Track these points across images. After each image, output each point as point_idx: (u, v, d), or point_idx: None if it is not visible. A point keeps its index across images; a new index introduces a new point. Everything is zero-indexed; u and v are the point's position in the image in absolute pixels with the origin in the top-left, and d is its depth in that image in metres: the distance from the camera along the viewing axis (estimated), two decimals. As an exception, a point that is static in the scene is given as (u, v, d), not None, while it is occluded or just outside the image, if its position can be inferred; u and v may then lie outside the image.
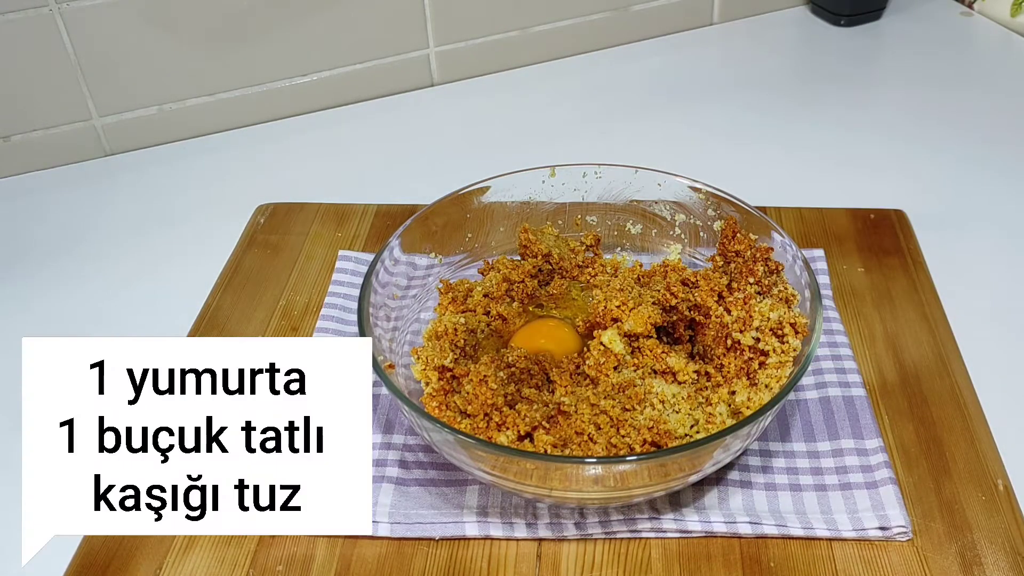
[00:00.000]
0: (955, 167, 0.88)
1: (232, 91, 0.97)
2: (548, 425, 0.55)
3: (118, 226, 0.86)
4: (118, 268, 0.81)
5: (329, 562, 0.56)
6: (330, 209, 0.83)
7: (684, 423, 0.56)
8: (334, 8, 0.96)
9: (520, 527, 0.57)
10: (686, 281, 0.63)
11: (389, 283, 0.64)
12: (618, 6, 1.07)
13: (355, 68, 1.00)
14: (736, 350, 0.59)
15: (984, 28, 1.11)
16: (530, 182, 0.70)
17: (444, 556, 0.56)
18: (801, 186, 0.86)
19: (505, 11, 1.03)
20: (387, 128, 0.99)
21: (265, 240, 0.80)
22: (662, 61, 1.07)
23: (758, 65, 1.06)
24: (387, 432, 0.63)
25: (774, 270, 0.62)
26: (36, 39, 0.87)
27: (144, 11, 0.90)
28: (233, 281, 0.76)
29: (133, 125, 0.95)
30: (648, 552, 0.56)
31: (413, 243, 0.67)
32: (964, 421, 0.62)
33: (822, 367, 0.66)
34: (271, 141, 0.97)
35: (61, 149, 0.94)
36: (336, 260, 0.76)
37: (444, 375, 0.59)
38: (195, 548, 0.57)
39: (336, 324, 0.71)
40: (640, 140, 0.94)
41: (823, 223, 0.79)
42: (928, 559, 0.55)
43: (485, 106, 1.02)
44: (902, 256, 0.75)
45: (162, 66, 0.93)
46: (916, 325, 0.69)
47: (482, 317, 0.64)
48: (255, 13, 0.93)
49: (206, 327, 0.72)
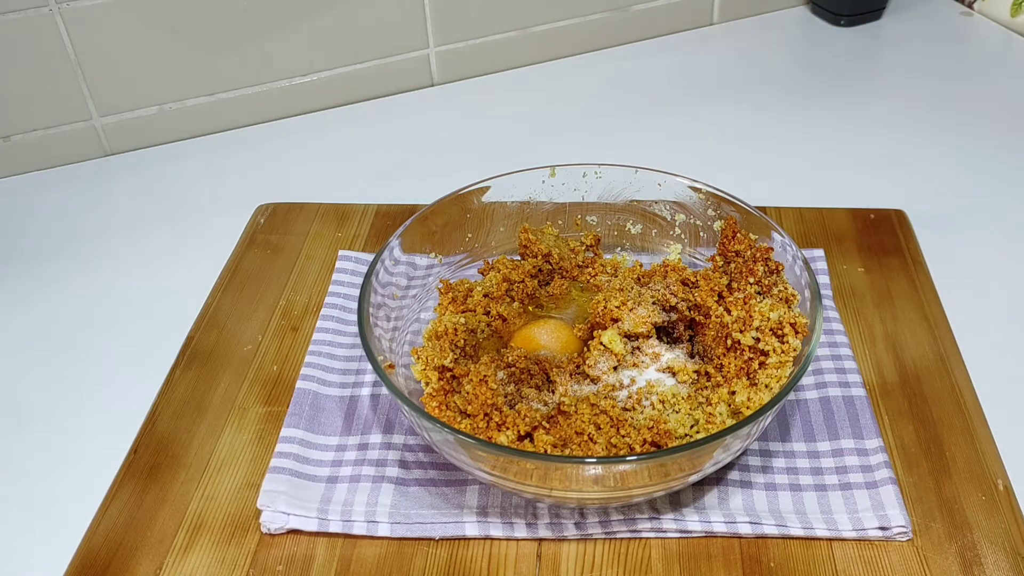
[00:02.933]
0: (955, 167, 0.88)
1: (232, 91, 0.97)
2: (548, 425, 0.55)
3: (118, 226, 0.86)
4: (118, 268, 0.81)
5: (329, 562, 0.56)
6: (330, 209, 0.83)
7: (684, 423, 0.56)
8: (334, 8, 0.96)
9: (520, 527, 0.57)
10: (686, 281, 0.63)
11: (389, 283, 0.64)
12: (618, 6, 1.07)
13: (355, 68, 1.00)
14: (736, 350, 0.59)
15: (984, 28, 1.11)
16: (530, 182, 0.70)
17: (444, 556, 0.56)
18: (801, 186, 0.86)
19: (505, 11, 1.03)
20: (387, 128, 0.99)
21: (265, 240, 0.80)
22: (662, 61, 1.07)
23: (758, 65, 1.06)
24: (387, 432, 0.63)
25: (774, 270, 0.62)
26: (36, 39, 0.87)
27: (144, 11, 0.90)
28: (233, 281, 0.76)
29: (133, 125, 0.95)
30: (648, 552, 0.56)
31: (413, 243, 0.67)
32: (964, 421, 0.62)
33: (822, 367, 0.66)
34: (271, 141, 0.97)
35: (61, 149, 0.94)
36: (336, 260, 0.76)
37: (444, 375, 0.59)
38: (195, 548, 0.57)
39: (336, 324, 0.71)
40: (640, 140, 0.94)
41: (823, 223, 0.79)
42: (928, 559, 0.55)
43: (485, 106, 1.02)
44: (902, 256, 0.75)
45: (162, 66, 0.93)
46: (916, 325, 0.69)
47: (482, 317, 0.64)
48: (255, 13, 0.93)
49: (206, 327, 0.72)
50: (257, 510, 0.58)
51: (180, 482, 0.61)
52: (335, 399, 0.65)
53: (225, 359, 0.69)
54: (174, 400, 0.66)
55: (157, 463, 0.62)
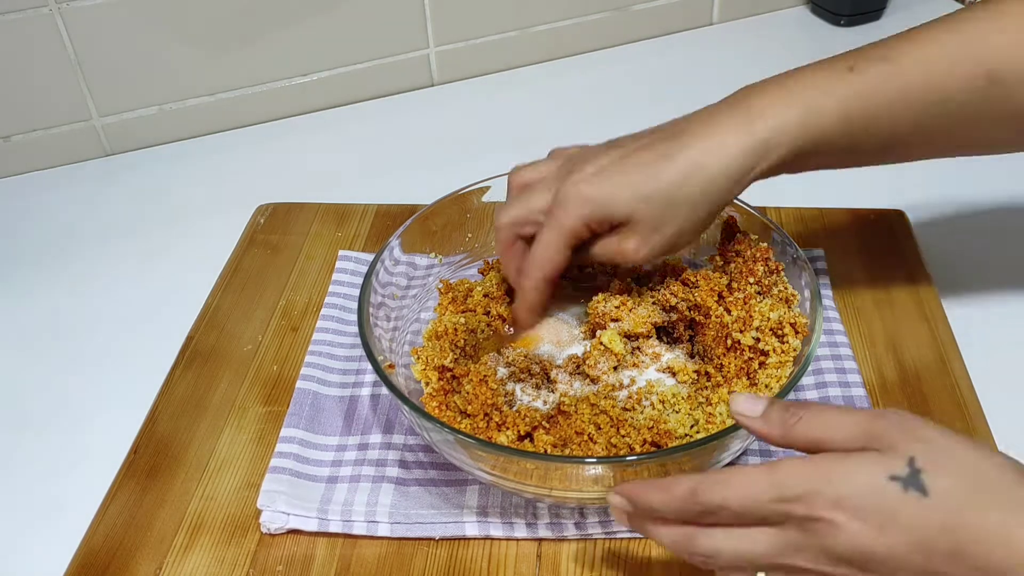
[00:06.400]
0: (955, 167, 0.88)
1: (232, 91, 0.97)
2: (548, 425, 0.55)
3: (118, 226, 0.86)
4: (118, 268, 0.81)
5: (329, 562, 0.56)
6: (330, 209, 0.83)
7: (684, 423, 0.56)
8: (334, 8, 0.96)
9: (520, 527, 0.57)
10: (686, 281, 0.63)
11: (389, 283, 0.64)
12: (618, 6, 1.07)
13: (355, 68, 1.00)
14: (736, 350, 0.59)
15: (984, 28, 1.11)
16: (530, 182, 0.70)
17: (444, 556, 0.56)
18: (801, 186, 0.86)
19: (505, 11, 1.03)
20: (387, 128, 0.99)
21: (265, 240, 0.80)
22: (662, 61, 1.07)
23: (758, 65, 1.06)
24: (387, 432, 0.63)
25: (774, 270, 0.62)
26: (36, 39, 0.87)
27: (144, 11, 0.90)
28: (233, 281, 0.76)
29: (133, 125, 0.95)
30: (648, 552, 0.56)
31: (413, 243, 0.67)
32: (964, 421, 0.62)
33: (822, 367, 0.66)
34: (271, 141, 0.97)
35: (61, 149, 0.94)
36: (336, 260, 0.76)
37: (444, 375, 0.59)
38: (195, 548, 0.57)
39: (336, 324, 0.71)
40: (640, 140, 0.93)
41: (823, 223, 0.79)
42: (928, 559, 0.55)
43: (485, 106, 1.02)
44: (902, 256, 0.75)
45: (162, 66, 0.93)
46: (916, 325, 0.69)
47: (482, 317, 0.64)
48: (255, 13, 0.93)
49: (206, 327, 0.72)
50: (257, 510, 0.58)
51: (180, 482, 0.61)
52: (335, 399, 0.65)
53: (225, 359, 0.69)
54: (174, 400, 0.66)
55: (157, 463, 0.62)
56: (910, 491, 0.40)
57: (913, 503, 0.40)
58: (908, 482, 0.40)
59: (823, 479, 0.41)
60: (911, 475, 0.40)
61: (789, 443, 0.45)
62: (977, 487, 0.40)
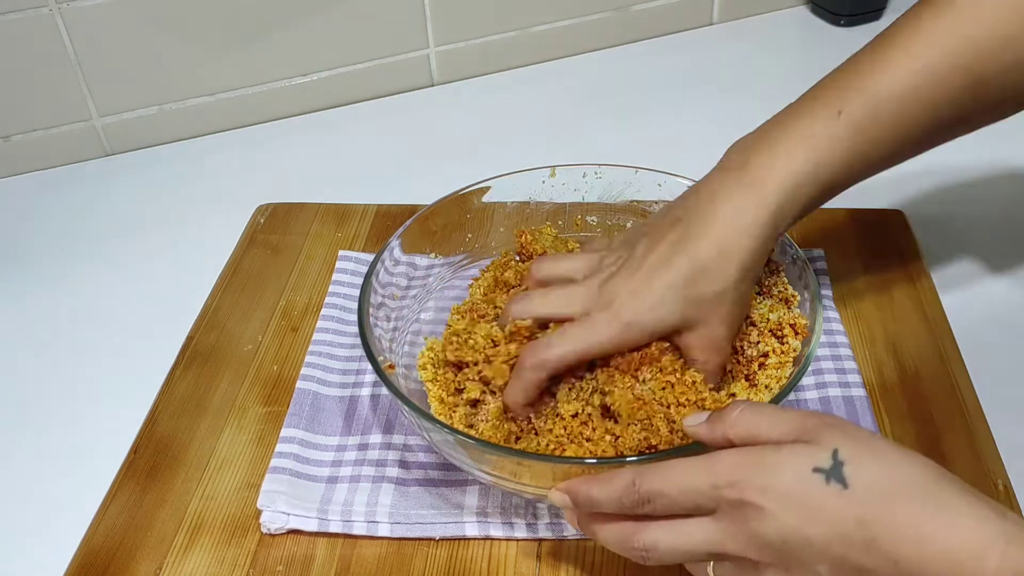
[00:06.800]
0: (955, 167, 0.88)
1: (232, 91, 0.97)
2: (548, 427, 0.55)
3: (118, 226, 0.86)
4: (118, 268, 0.81)
5: (329, 562, 0.56)
6: (330, 209, 0.83)
7: (683, 424, 0.56)
8: (334, 8, 0.96)
9: (520, 527, 0.57)
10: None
11: (389, 283, 0.64)
12: (618, 6, 1.07)
13: (355, 68, 1.00)
14: (735, 351, 0.59)
15: (984, 28, 1.11)
16: (530, 182, 0.70)
17: (444, 556, 0.56)
18: (801, 186, 0.86)
19: (505, 11, 1.03)
20: (387, 128, 0.99)
21: (265, 240, 0.80)
22: (662, 61, 1.07)
23: (758, 65, 1.06)
24: (387, 432, 0.63)
25: (774, 270, 0.62)
26: (36, 39, 0.87)
27: (144, 11, 0.90)
28: (233, 281, 0.76)
29: (133, 125, 0.95)
30: (648, 552, 0.56)
31: (413, 243, 0.67)
32: (964, 421, 0.62)
33: (822, 367, 0.66)
34: (271, 141, 0.97)
35: (61, 149, 0.94)
36: (336, 260, 0.76)
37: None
38: (195, 548, 0.57)
39: (336, 324, 0.71)
40: (640, 140, 0.93)
41: (823, 223, 0.79)
42: (928, 559, 0.55)
43: (485, 106, 1.01)
44: (902, 256, 0.75)
45: (162, 66, 0.93)
46: (916, 325, 0.69)
47: None
48: (255, 13, 0.93)
49: (206, 327, 0.72)
50: (257, 510, 0.58)
51: (180, 482, 0.61)
52: (335, 399, 0.65)
53: (225, 359, 0.69)
54: (174, 400, 0.66)
55: (157, 463, 0.62)
56: (832, 483, 0.41)
57: (833, 495, 0.41)
58: (831, 474, 0.41)
59: (754, 467, 0.43)
60: (834, 467, 0.41)
61: (730, 441, 0.46)
62: (896, 483, 0.41)
